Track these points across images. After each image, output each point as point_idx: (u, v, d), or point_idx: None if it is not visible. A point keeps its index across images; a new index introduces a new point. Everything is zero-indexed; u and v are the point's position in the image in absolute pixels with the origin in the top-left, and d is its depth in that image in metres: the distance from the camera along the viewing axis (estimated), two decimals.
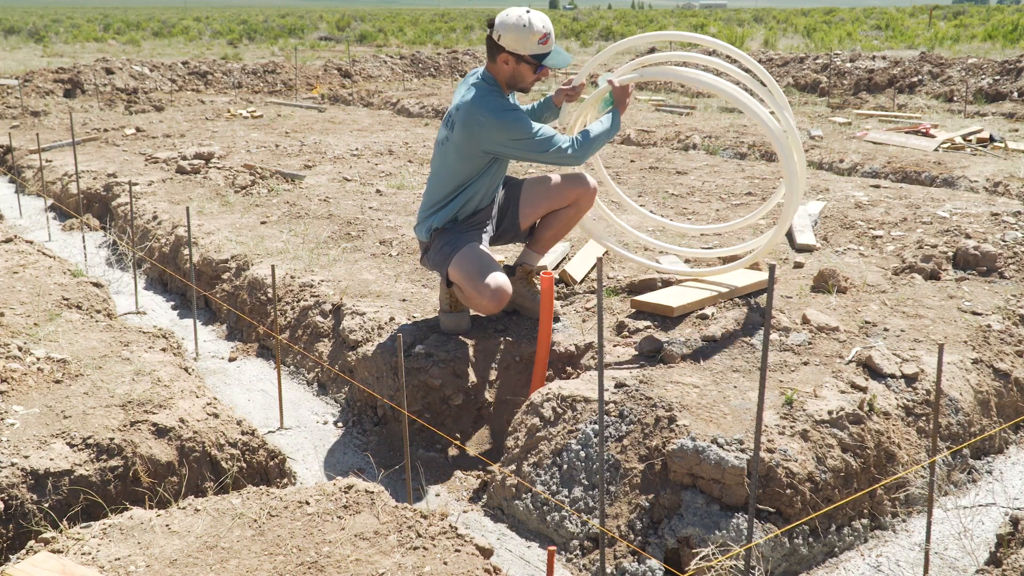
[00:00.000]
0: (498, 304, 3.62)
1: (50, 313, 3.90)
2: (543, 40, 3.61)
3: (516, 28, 3.59)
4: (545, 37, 3.61)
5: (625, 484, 2.87)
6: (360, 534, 2.29)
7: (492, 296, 3.58)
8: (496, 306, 3.63)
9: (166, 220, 6.18)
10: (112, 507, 2.64)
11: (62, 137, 9.97)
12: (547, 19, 3.66)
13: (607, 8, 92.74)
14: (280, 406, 3.85)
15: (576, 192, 3.94)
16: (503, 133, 3.55)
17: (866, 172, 7.71)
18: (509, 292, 3.64)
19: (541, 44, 3.61)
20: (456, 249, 3.71)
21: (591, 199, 4.01)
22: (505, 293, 3.62)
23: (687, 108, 12.33)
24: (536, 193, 3.96)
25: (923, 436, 3.20)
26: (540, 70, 3.69)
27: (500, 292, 3.59)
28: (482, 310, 3.72)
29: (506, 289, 3.62)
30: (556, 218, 4.00)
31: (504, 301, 3.63)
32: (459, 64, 20.39)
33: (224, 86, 16.56)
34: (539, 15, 3.65)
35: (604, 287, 3.98)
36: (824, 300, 4.10)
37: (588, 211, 4.10)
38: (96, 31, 37.90)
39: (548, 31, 3.62)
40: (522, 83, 3.72)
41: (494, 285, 3.58)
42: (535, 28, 3.59)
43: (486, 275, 3.60)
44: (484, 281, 3.58)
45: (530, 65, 3.65)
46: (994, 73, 13.78)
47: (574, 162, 3.68)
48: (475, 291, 3.61)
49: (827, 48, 22.84)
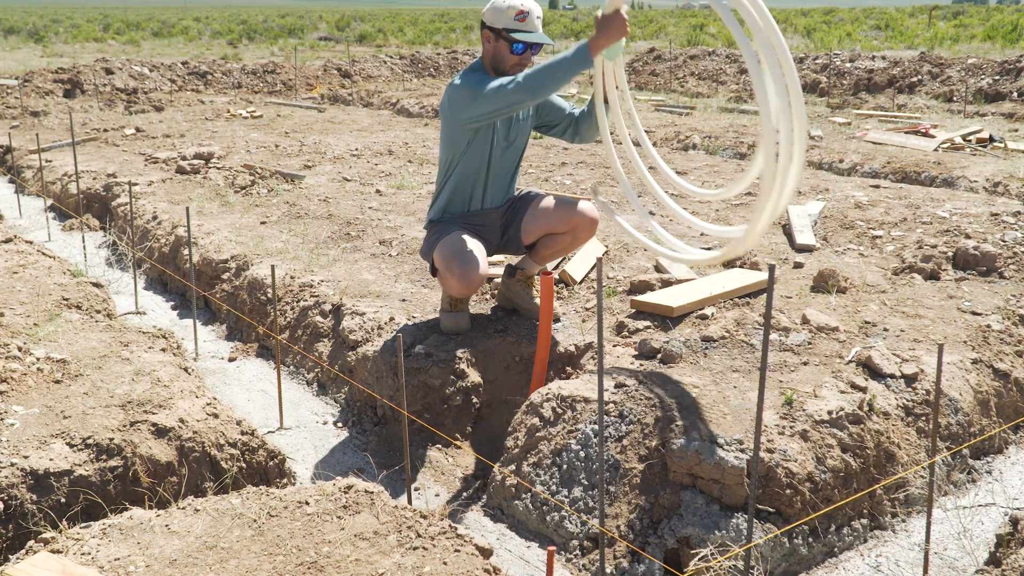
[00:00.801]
0: (467, 284, 3.62)
1: (50, 313, 3.90)
2: (519, 16, 3.59)
3: (493, 4, 3.64)
4: (522, 14, 3.59)
5: (625, 484, 2.87)
6: (360, 534, 2.29)
7: (461, 276, 3.60)
8: (466, 286, 3.63)
9: (166, 220, 6.18)
10: (112, 507, 2.64)
11: (62, 137, 9.97)
12: (533, 1, 3.65)
13: None
14: (280, 406, 3.85)
15: (576, 220, 3.88)
16: (462, 90, 3.56)
17: (866, 172, 7.71)
18: (480, 274, 3.64)
19: (517, 20, 3.59)
20: (443, 236, 3.75)
21: (590, 230, 3.95)
22: (475, 274, 3.62)
23: (687, 108, 12.33)
24: (540, 212, 3.93)
25: (923, 436, 3.20)
26: (519, 51, 3.64)
27: (468, 273, 3.60)
28: (454, 290, 3.72)
29: (475, 270, 3.62)
30: (554, 241, 3.98)
31: (474, 283, 3.63)
32: (459, 64, 20.39)
33: (224, 86, 16.56)
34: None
35: (604, 287, 3.98)
36: (824, 300, 4.10)
37: (587, 242, 4.08)
38: (96, 31, 37.89)
39: (526, 9, 3.60)
40: (502, 64, 3.69)
41: (464, 266, 3.61)
42: (509, 3, 3.60)
43: (460, 256, 3.63)
44: (456, 261, 3.62)
45: (507, 42, 3.63)
46: (994, 73, 13.79)
47: (520, 96, 3.36)
48: (447, 271, 3.65)
49: (827, 48, 22.84)
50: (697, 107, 12.65)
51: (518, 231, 3.97)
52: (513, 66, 3.69)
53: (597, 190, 4.21)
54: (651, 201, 5.56)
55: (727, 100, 13.75)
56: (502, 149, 3.84)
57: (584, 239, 3.99)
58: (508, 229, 4.01)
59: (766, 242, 5.24)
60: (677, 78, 17.41)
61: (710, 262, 3.51)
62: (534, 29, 3.65)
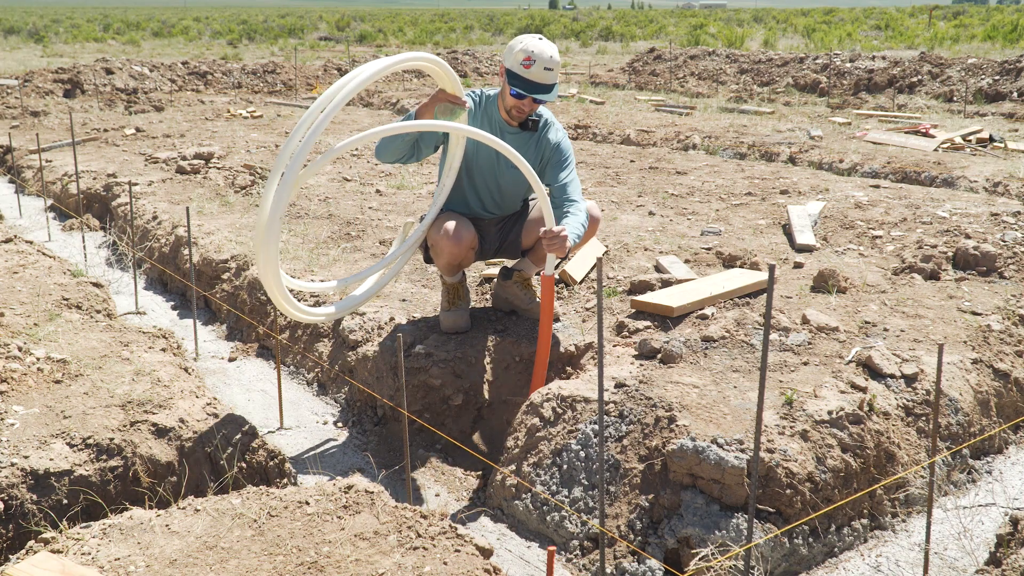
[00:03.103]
0: (457, 242, 3.69)
1: (50, 313, 3.90)
2: (526, 62, 3.54)
3: (512, 42, 3.65)
4: (529, 60, 3.54)
5: (625, 484, 2.87)
6: (360, 534, 2.29)
7: (449, 235, 3.69)
8: (455, 244, 3.69)
9: (166, 220, 6.18)
10: (112, 507, 2.64)
11: (62, 137, 9.97)
12: (546, 49, 3.57)
13: (607, 8, 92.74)
14: (280, 406, 3.85)
15: None
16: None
17: (866, 172, 7.71)
18: (465, 236, 3.70)
19: (523, 64, 3.55)
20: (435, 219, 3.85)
21: (591, 229, 3.92)
22: (464, 231, 3.70)
23: (687, 108, 12.33)
24: (538, 217, 3.93)
25: (923, 436, 3.20)
26: (514, 95, 3.60)
27: (459, 230, 3.69)
28: (445, 252, 3.75)
29: (465, 229, 3.70)
30: None
31: (464, 240, 3.70)
32: (459, 64, 20.39)
33: (224, 86, 16.56)
34: (540, 43, 3.59)
35: (604, 287, 3.98)
36: (824, 300, 4.10)
37: (588, 239, 4.04)
38: (96, 31, 37.90)
39: (535, 56, 3.54)
40: (505, 102, 3.70)
41: (454, 227, 3.70)
42: (522, 46, 3.58)
43: (451, 221, 3.72)
44: (447, 225, 3.71)
45: (509, 83, 3.62)
46: (994, 73, 13.79)
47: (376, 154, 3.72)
48: (437, 235, 3.73)
49: (827, 48, 22.85)
50: (697, 107, 12.65)
51: (519, 235, 3.97)
52: (511, 107, 3.67)
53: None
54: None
55: (727, 100, 13.75)
56: (486, 173, 3.84)
57: (586, 238, 3.97)
58: (509, 235, 4.00)
59: (767, 242, 5.24)
60: (677, 78, 17.41)
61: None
62: (540, 80, 3.57)
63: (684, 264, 4.69)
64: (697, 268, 4.68)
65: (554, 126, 3.82)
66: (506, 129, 3.75)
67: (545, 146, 3.77)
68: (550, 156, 3.76)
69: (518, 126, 3.75)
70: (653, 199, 6.52)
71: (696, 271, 4.60)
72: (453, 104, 3.49)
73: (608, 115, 11.62)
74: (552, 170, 3.74)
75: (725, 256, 4.82)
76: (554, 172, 3.73)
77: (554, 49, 3.60)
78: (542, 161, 3.77)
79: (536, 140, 3.77)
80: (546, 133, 3.78)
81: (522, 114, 3.66)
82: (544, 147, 3.77)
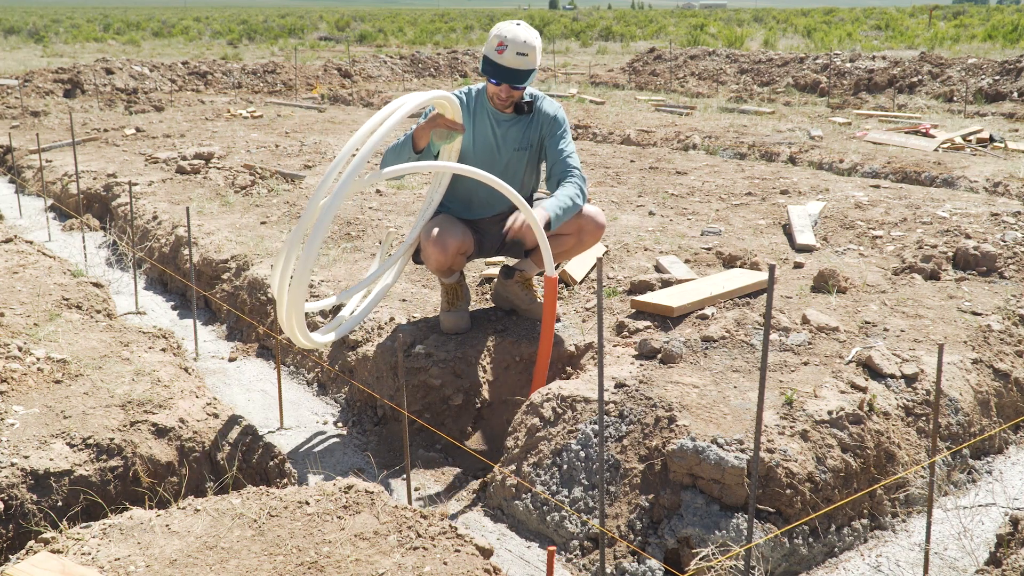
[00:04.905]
0: (442, 249, 3.67)
1: (50, 313, 3.90)
2: (499, 47, 3.55)
3: (493, 28, 3.66)
4: (502, 45, 3.54)
5: (625, 484, 2.87)
6: (360, 534, 2.29)
7: (435, 242, 3.68)
8: (440, 251, 3.68)
9: (166, 220, 6.18)
10: (112, 507, 2.64)
11: (62, 137, 9.97)
12: (520, 33, 3.56)
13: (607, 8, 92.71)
14: (280, 406, 3.85)
15: (581, 223, 3.81)
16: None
17: (866, 172, 7.71)
18: (451, 243, 3.69)
19: (496, 51, 3.56)
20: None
21: (595, 234, 3.88)
22: (448, 239, 3.68)
23: (687, 108, 12.33)
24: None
25: (923, 436, 3.20)
26: (493, 83, 3.63)
27: (444, 238, 3.68)
28: (431, 259, 3.75)
29: (450, 237, 3.69)
30: (558, 243, 3.90)
31: (448, 248, 3.67)
32: (459, 64, 20.38)
33: (224, 86, 16.56)
34: (516, 28, 3.59)
35: (604, 287, 3.98)
36: (824, 300, 4.10)
37: (592, 245, 4.01)
38: (96, 31, 37.90)
39: (507, 40, 3.53)
40: (488, 90, 3.73)
41: (441, 233, 3.69)
42: (497, 31, 3.59)
43: (440, 226, 3.71)
44: (435, 230, 3.70)
45: (482, 71, 3.66)
46: (994, 73, 13.79)
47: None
48: (426, 240, 3.72)
49: (827, 48, 22.84)
50: (697, 107, 12.65)
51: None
52: (492, 95, 3.69)
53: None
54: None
55: (727, 100, 13.75)
56: (484, 166, 3.81)
57: (590, 243, 3.92)
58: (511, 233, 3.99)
59: (767, 242, 5.24)
60: (677, 78, 17.41)
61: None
62: (514, 65, 3.56)
63: (684, 264, 4.69)
64: (697, 268, 4.68)
65: (547, 99, 3.86)
66: (501, 118, 3.77)
67: (543, 121, 3.82)
68: (548, 129, 3.81)
69: (514, 112, 3.78)
70: (653, 199, 6.52)
71: (696, 271, 4.60)
72: (450, 129, 3.54)
73: (608, 115, 11.62)
74: (551, 142, 3.80)
75: (725, 256, 4.82)
76: (553, 144, 3.79)
77: (531, 34, 3.60)
78: (541, 135, 3.83)
79: (534, 120, 3.81)
80: (541, 107, 3.82)
81: (504, 101, 3.69)
82: (542, 122, 3.82)
